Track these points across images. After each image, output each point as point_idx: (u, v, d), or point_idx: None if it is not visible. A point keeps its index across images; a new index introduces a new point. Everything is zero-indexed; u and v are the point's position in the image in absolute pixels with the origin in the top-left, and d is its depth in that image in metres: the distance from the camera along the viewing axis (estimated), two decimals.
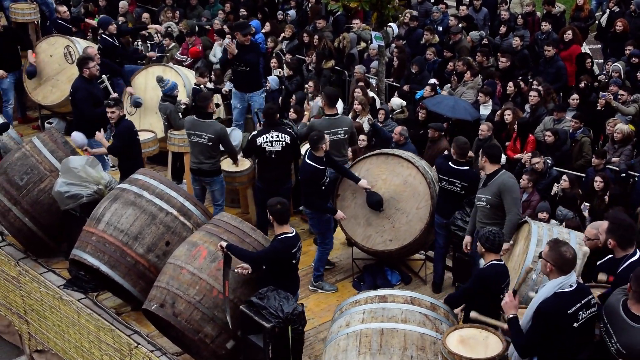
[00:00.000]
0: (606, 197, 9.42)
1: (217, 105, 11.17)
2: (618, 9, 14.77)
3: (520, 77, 12.38)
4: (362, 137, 10.55)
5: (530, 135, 10.82)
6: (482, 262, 6.79)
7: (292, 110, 10.95)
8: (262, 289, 6.72)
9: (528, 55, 13.22)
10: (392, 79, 13.55)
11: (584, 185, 9.99)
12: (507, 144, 10.94)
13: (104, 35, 11.78)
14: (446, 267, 8.47)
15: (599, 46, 15.39)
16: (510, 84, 11.92)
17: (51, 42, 12.21)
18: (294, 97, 12.41)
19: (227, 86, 11.81)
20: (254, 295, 6.68)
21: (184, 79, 10.90)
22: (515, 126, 10.85)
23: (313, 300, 8.32)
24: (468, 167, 7.90)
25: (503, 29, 14.01)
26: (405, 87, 12.91)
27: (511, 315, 5.36)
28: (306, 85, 12.46)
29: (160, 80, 10.06)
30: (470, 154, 8.92)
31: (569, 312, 5.11)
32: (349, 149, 9.30)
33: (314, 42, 13.99)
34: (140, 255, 7.54)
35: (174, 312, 6.87)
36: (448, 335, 5.53)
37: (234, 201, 10.15)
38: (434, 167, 8.47)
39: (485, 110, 11.65)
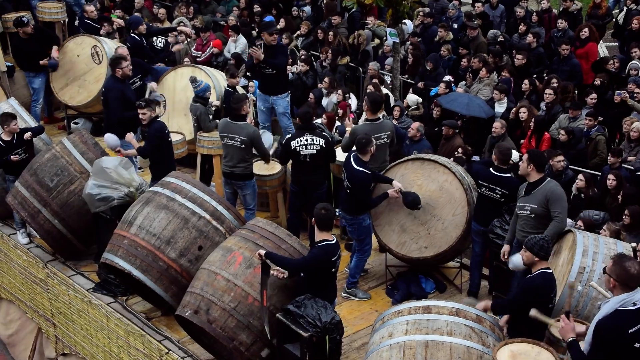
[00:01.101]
0: (619, 197, 9.22)
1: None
2: (635, 7, 14.62)
3: (535, 75, 12.27)
4: None
5: (546, 133, 10.72)
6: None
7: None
8: (298, 296, 6.58)
9: (543, 53, 13.12)
10: (406, 76, 13.51)
11: (599, 184, 9.79)
12: (522, 141, 10.83)
13: (132, 35, 11.66)
14: (482, 275, 8.27)
15: (616, 44, 15.26)
16: (526, 81, 11.83)
17: (78, 42, 12.09)
18: (311, 95, 12.28)
19: (242, 82, 11.69)
20: (291, 303, 6.53)
21: (214, 81, 10.75)
22: (531, 124, 10.74)
23: (346, 307, 8.15)
24: (510, 175, 7.70)
25: (523, 28, 13.89)
26: (420, 84, 12.88)
27: (570, 339, 5.11)
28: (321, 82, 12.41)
29: (193, 80, 9.91)
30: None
31: (629, 331, 4.83)
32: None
33: (328, 38, 13.99)
34: (172, 259, 7.40)
35: (208, 319, 6.73)
36: (498, 350, 5.34)
37: (263, 205, 10.00)
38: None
39: (500, 107, 11.60)
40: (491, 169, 7.73)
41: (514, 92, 12.03)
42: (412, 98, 12.28)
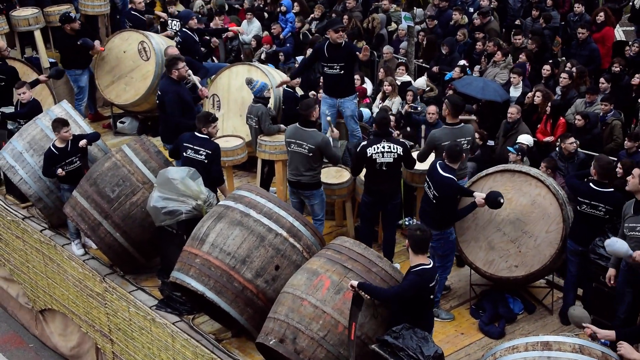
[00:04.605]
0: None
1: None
2: None
3: (551, 60, 12.02)
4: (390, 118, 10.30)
5: (561, 118, 10.53)
6: None
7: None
8: (394, 326, 6.05)
9: (548, 35, 12.99)
10: (421, 60, 13.28)
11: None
12: (538, 126, 10.63)
13: (184, 30, 11.07)
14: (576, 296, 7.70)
15: (633, 28, 14.99)
16: (547, 66, 11.63)
17: (124, 37, 11.53)
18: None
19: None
20: (387, 334, 6.01)
21: (271, 79, 10.13)
22: (547, 108, 10.55)
23: None
24: (613, 189, 7.10)
25: (535, 13, 13.60)
26: (435, 69, 12.67)
27: None
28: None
29: (249, 82, 9.35)
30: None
31: None
32: None
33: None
34: (248, 280, 6.87)
35: (295, 348, 6.21)
36: None
37: (328, 213, 9.43)
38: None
39: (515, 92, 11.42)
40: (591, 184, 7.13)
41: (529, 77, 11.86)
42: (419, 82, 12.09)
